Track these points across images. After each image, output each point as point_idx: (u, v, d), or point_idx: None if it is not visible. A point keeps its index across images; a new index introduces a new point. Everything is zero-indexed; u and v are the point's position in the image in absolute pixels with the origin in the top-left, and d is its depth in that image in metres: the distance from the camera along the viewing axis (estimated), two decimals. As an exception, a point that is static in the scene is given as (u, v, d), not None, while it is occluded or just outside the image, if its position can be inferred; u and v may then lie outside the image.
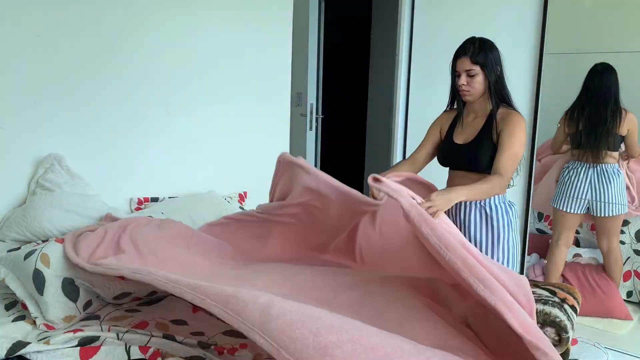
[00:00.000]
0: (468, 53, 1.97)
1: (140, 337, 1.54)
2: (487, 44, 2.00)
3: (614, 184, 2.76)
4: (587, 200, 2.81)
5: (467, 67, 1.97)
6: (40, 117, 2.18)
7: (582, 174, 2.81)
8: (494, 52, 2.00)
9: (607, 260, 2.85)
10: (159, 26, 2.51)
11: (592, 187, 2.79)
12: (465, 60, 1.97)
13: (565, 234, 2.91)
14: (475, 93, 2.00)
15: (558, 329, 1.44)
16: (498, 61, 2.00)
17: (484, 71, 1.97)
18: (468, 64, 1.97)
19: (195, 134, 2.73)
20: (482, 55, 1.96)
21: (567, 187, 2.86)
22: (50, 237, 2.05)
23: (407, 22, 3.38)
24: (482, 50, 1.97)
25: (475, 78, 1.97)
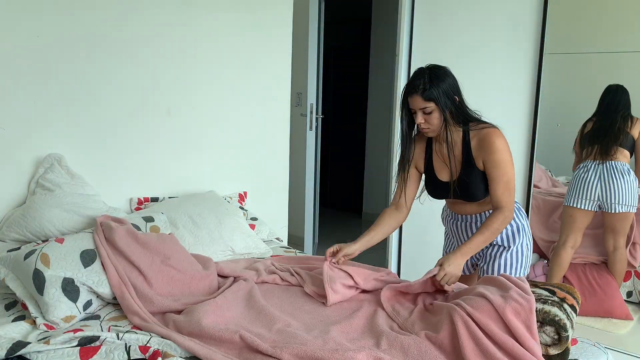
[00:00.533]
0: (419, 90, 1.82)
1: (140, 337, 1.54)
2: (437, 74, 1.84)
3: (624, 181, 2.75)
4: (598, 196, 2.81)
5: (420, 106, 1.84)
6: (40, 117, 2.18)
7: (591, 170, 2.81)
8: (447, 82, 1.85)
9: (612, 259, 2.85)
10: (159, 26, 2.51)
11: (602, 184, 2.78)
12: (417, 98, 1.84)
13: (574, 235, 2.89)
14: (435, 129, 1.89)
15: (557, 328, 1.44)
16: (454, 89, 1.86)
17: (439, 106, 1.83)
18: (420, 102, 1.83)
19: (195, 134, 2.73)
20: (433, 89, 1.81)
21: (578, 184, 2.85)
22: (50, 237, 2.05)
23: (407, 22, 3.38)
24: (434, 84, 1.82)
25: (432, 114, 1.85)
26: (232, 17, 2.81)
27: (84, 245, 1.85)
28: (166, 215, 2.33)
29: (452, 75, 1.89)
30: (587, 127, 2.84)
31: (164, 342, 1.53)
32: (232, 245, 2.40)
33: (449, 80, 1.86)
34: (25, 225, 2.06)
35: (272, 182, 3.17)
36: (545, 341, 1.46)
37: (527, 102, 2.97)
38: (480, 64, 3.12)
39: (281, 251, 2.55)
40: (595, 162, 2.81)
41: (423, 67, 1.89)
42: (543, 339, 1.46)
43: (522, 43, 2.95)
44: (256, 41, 2.93)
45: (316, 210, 4.38)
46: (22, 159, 2.17)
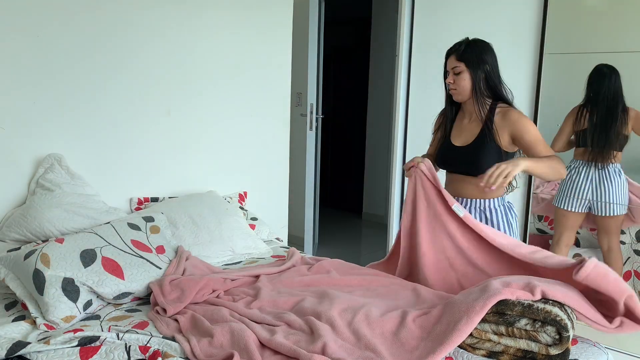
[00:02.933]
0: (454, 51, 1.96)
1: (140, 337, 1.54)
2: (477, 42, 1.97)
3: (615, 183, 2.75)
4: (589, 199, 2.81)
5: (452, 65, 1.97)
6: (40, 117, 2.18)
7: (583, 173, 2.81)
8: (483, 50, 1.96)
9: (607, 260, 2.85)
10: (159, 26, 2.51)
11: (594, 187, 2.78)
12: (452, 58, 1.97)
13: (567, 234, 2.91)
14: (462, 92, 1.98)
15: (559, 328, 1.44)
16: (488, 59, 1.96)
17: (469, 68, 1.94)
18: (454, 61, 1.96)
19: (195, 134, 2.73)
20: (467, 52, 1.94)
21: (568, 186, 2.85)
22: (50, 237, 2.05)
23: (407, 22, 3.38)
24: (469, 47, 1.94)
25: (461, 75, 1.95)
26: (232, 17, 2.81)
27: (84, 245, 1.85)
28: (166, 215, 2.33)
29: (491, 50, 1.98)
30: (583, 121, 2.80)
31: (164, 342, 1.53)
32: (232, 245, 2.40)
33: (487, 52, 1.96)
34: (25, 225, 2.06)
35: (272, 182, 3.17)
36: (546, 341, 1.46)
37: (527, 102, 2.97)
38: (480, 64, 3.12)
39: (281, 251, 2.55)
40: (586, 163, 2.80)
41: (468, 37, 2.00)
42: (544, 339, 1.46)
43: (522, 43, 2.96)
44: (256, 41, 2.94)
45: (316, 210, 4.38)
46: (22, 159, 2.17)
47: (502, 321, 1.49)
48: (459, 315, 1.49)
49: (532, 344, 1.47)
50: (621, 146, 2.74)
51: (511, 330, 1.49)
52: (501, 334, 1.50)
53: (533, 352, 1.47)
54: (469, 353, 1.51)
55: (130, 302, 1.89)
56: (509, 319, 1.49)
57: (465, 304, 1.52)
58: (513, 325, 1.48)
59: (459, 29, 3.19)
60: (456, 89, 1.98)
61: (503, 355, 1.49)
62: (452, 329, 1.47)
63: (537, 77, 2.92)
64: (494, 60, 1.98)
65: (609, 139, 2.75)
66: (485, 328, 1.51)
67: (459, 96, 2.00)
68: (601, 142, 2.77)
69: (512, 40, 2.98)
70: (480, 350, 1.52)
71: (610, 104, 2.74)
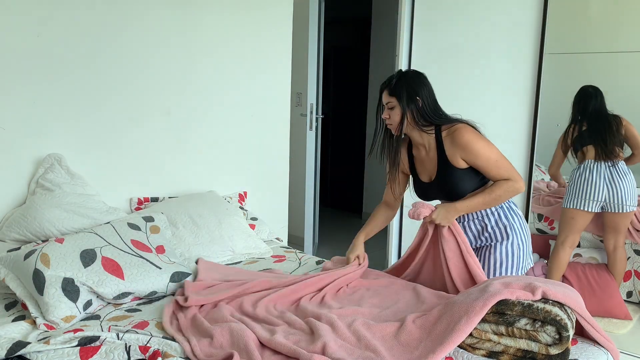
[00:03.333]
0: (387, 86, 1.95)
1: (140, 337, 1.54)
2: (407, 75, 1.95)
3: (627, 181, 2.75)
4: (605, 197, 2.79)
5: (386, 100, 1.95)
6: (40, 117, 2.18)
7: (595, 172, 2.78)
8: (415, 83, 1.92)
9: (612, 258, 2.84)
10: (159, 26, 2.51)
11: (608, 185, 2.77)
12: (385, 93, 1.96)
13: (573, 236, 2.88)
14: (395, 125, 1.95)
15: (558, 327, 1.44)
16: (419, 92, 1.92)
17: (400, 104, 1.91)
18: (386, 96, 1.95)
19: (195, 134, 2.73)
20: (397, 86, 1.91)
21: (582, 186, 2.82)
22: (50, 237, 2.05)
23: (407, 22, 3.37)
24: (400, 82, 1.92)
25: (394, 110, 1.93)
26: (232, 17, 2.81)
27: (84, 245, 1.85)
28: (166, 215, 2.33)
29: (423, 80, 1.96)
30: (574, 132, 2.83)
31: (164, 342, 1.53)
32: (232, 245, 2.40)
33: (418, 83, 1.94)
34: (25, 225, 2.06)
35: (272, 182, 3.17)
36: (546, 341, 1.46)
37: (527, 102, 2.97)
38: (480, 64, 3.12)
39: (281, 251, 2.55)
40: (596, 162, 2.79)
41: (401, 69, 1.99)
42: (544, 338, 1.46)
43: (522, 43, 2.95)
44: (256, 41, 2.93)
45: (316, 210, 4.37)
46: (22, 159, 2.17)
47: (502, 321, 1.49)
48: (459, 315, 1.49)
49: (532, 344, 1.47)
50: (621, 143, 2.75)
51: (511, 330, 1.49)
52: (501, 334, 1.50)
53: (533, 352, 1.47)
54: (469, 353, 1.51)
55: (130, 302, 1.89)
56: (508, 319, 1.49)
57: (465, 304, 1.52)
58: (513, 325, 1.48)
59: (459, 29, 3.19)
60: (392, 124, 1.97)
61: (503, 355, 1.49)
62: (452, 329, 1.47)
63: (537, 77, 2.92)
64: (426, 90, 1.94)
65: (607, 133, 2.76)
66: (485, 328, 1.51)
67: (393, 129, 1.98)
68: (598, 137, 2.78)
69: (512, 40, 2.98)
70: (480, 350, 1.52)
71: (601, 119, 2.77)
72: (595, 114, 2.79)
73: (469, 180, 1.95)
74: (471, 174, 1.95)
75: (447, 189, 1.97)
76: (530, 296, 1.51)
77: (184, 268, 2.03)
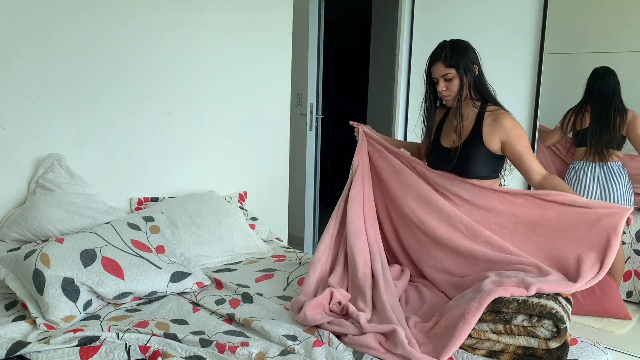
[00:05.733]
0: (441, 58, 1.95)
1: (140, 337, 1.54)
2: (459, 45, 1.97)
3: (621, 182, 2.75)
4: (597, 199, 2.79)
5: (442, 72, 1.95)
6: (40, 117, 2.18)
7: (589, 173, 2.79)
8: (469, 52, 1.97)
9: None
10: (159, 26, 2.51)
11: (601, 186, 2.77)
12: (439, 65, 1.96)
13: None
14: (455, 95, 1.98)
15: (555, 320, 1.45)
16: (474, 60, 1.98)
17: (459, 73, 1.94)
18: (442, 68, 1.95)
19: (195, 134, 2.73)
20: (454, 57, 1.94)
21: (574, 187, 2.83)
22: (50, 237, 2.05)
23: (407, 22, 3.37)
24: (455, 52, 1.94)
25: (453, 81, 1.95)
26: (232, 18, 2.81)
27: (84, 245, 1.85)
28: (166, 215, 2.33)
29: (472, 48, 2.00)
30: (583, 121, 2.80)
31: (164, 342, 1.53)
32: (232, 245, 2.40)
33: (470, 51, 1.98)
34: (25, 225, 2.06)
35: (272, 182, 3.17)
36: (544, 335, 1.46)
37: (527, 102, 2.97)
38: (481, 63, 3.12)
39: (281, 251, 2.55)
40: (590, 163, 2.79)
41: (445, 39, 2.01)
42: (542, 333, 1.46)
43: (522, 43, 2.95)
44: (256, 41, 2.93)
45: (316, 210, 4.37)
46: (22, 159, 2.17)
47: (499, 319, 1.50)
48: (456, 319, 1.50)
49: (532, 340, 1.47)
50: (619, 145, 2.75)
51: (509, 328, 1.49)
52: (500, 333, 1.50)
53: (533, 348, 1.47)
54: (469, 353, 1.52)
55: (130, 302, 1.89)
56: (505, 317, 1.49)
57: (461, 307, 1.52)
58: (510, 323, 1.49)
59: (459, 29, 3.19)
60: (449, 95, 1.98)
61: (503, 354, 1.50)
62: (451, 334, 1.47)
63: (537, 77, 2.92)
64: (477, 58, 1.99)
65: (602, 135, 2.75)
66: (484, 328, 1.52)
67: (453, 101, 2.00)
68: (595, 139, 2.77)
69: (512, 40, 2.98)
70: (480, 350, 1.52)
71: (605, 103, 2.74)
72: (599, 100, 2.76)
73: (486, 163, 1.96)
74: (491, 160, 1.97)
75: (462, 159, 1.97)
76: (525, 292, 1.52)
77: (184, 268, 2.03)
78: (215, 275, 2.15)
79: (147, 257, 1.97)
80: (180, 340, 1.56)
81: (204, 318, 1.77)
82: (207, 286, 2.06)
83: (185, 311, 1.83)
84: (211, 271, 2.23)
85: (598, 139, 2.76)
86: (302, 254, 2.51)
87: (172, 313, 1.82)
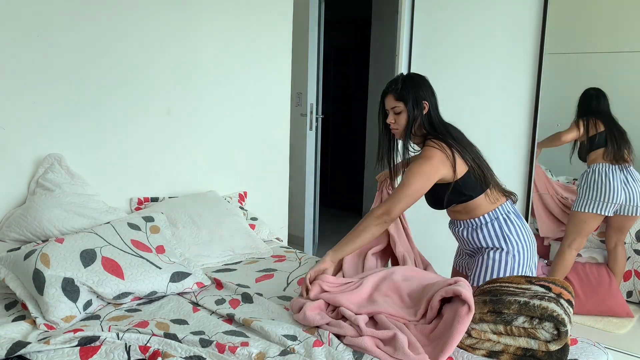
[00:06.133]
0: (392, 90, 1.94)
1: (140, 337, 1.54)
2: (412, 79, 1.96)
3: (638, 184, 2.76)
4: (622, 201, 2.78)
5: (392, 105, 1.95)
6: (40, 117, 2.18)
7: (611, 175, 2.78)
8: (420, 88, 1.94)
9: (613, 255, 2.85)
10: (159, 26, 2.51)
11: (626, 188, 2.76)
12: (390, 97, 1.95)
13: (580, 239, 2.87)
14: (401, 130, 1.95)
15: (556, 323, 1.45)
16: (426, 96, 1.94)
17: (407, 108, 1.92)
18: (392, 101, 1.94)
19: (195, 134, 2.73)
20: (404, 91, 1.92)
21: (598, 190, 2.79)
22: (50, 237, 2.05)
23: (407, 22, 3.38)
24: (406, 86, 1.93)
25: (401, 115, 1.93)
26: (232, 18, 2.81)
27: (84, 245, 1.85)
28: (166, 215, 2.33)
29: (428, 85, 1.98)
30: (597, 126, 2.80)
31: (164, 342, 1.53)
32: (232, 245, 2.40)
33: (423, 87, 1.95)
34: (25, 225, 2.06)
35: (272, 182, 3.17)
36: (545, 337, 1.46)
37: (527, 102, 2.97)
38: (480, 64, 3.12)
39: (281, 251, 2.55)
40: (610, 165, 2.77)
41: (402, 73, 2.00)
42: (543, 335, 1.46)
43: (522, 43, 2.95)
44: (256, 41, 2.93)
45: (316, 210, 4.38)
46: (22, 159, 2.17)
47: (499, 320, 1.50)
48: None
49: (532, 342, 1.47)
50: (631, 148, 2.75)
51: (510, 329, 1.49)
52: (500, 333, 1.51)
53: (533, 350, 1.47)
54: (469, 353, 1.52)
55: (130, 302, 1.89)
56: (506, 318, 1.49)
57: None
58: (511, 324, 1.49)
59: (459, 29, 3.19)
60: (397, 129, 1.97)
61: (503, 354, 1.50)
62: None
63: (537, 77, 2.92)
64: (430, 95, 1.96)
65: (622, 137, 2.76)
66: (484, 328, 1.52)
67: (399, 135, 1.99)
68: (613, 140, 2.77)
69: (512, 40, 2.98)
70: (480, 351, 1.52)
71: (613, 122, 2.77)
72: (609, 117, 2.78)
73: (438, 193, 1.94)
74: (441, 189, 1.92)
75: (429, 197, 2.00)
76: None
77: (184, 268, 2.03)
78: (215, 275, 2.15)
79: (147, 257, 1.97)
80: (180, 340, 1.56)
81: (204, 318, 1.77)
82: (207, 286, 2.06)
83: (185, 311, 1.83)
84: (211, 271, 2.23)
85: (615, 141, 2.76)
86: (302, 254, 2.51)
87: (172, 313, 1.82)
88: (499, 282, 1.69)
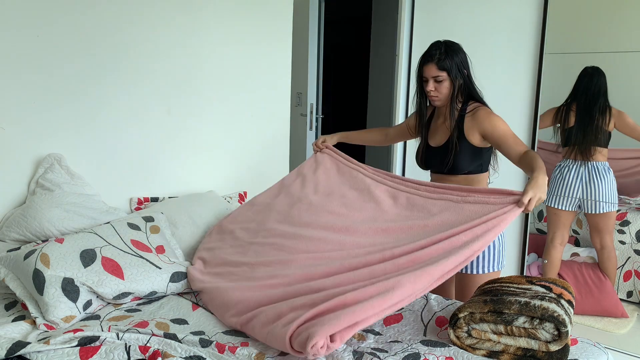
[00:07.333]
0: (434, 59, 1.98)
1: (140, 337, 1.54)
2: (452, 48, 2.01)
3: (605, 181, 2.78)
4: (579, 197, 2.83)
5: (433, 74, 1.99)
6: (40, 117, 2.18)
7: (572, 171, 2.84)
8: (460, 56, 2.01)
9: (601, 257, 2.87)
10: (159, 26, 2.51)
11: (583, 185, 2.81)
12: (432, 66, 1.99)
13: (560, 232, 2.93)
14: (443, 98, 2.03)
15: (557, 324, 1.44)
16: (465, 64, 2.02)
17: (450, 77, 1.99)
18: (434, 70, 1.98)
19: (195, 134, 2.73)
20: (447, 61, 1.98)
21: (559, 184, 2.89)
22: (50, 237, 2.05)
23: (407, 22, 3.38)
24: (448, 55, 1.98)
25: (443, 84, 2.00)
26: (232, 17, 2.81)
27: (84, 245, 1.85)
28: (166, 215, 2.33)
29: (464, 51, 2.05)
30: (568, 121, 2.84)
31: (163, 342, 1.53)
32: (232, 245, 2.40)
33: (462, 55, 2.02)
34: (25, 225, 2.05)
35: (272, 182, 3.15)
36: (545, 338, 1.46)
37: (527, 102, 2.97)
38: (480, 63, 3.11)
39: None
40: (574, 161, 2.83)
41: (439, 40, 2.03)
42: (543, 335, 1.46)
43: (522, 43, 2.96)
44: (256, 41, 2.93)
45: (316, 210, 4.36)
46: (22, 159, 2.17)
47: (500, 320, 1.50)
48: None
49: (532, 342, 1.47)
50: (605, 142, 2.77)
51: (510, 329, 1.49)
52: (500, 333, 1.50)
53: (533, 350, 1.47)
54: (469, 353, 1.52)
55: (130, 302, 1.89)
56: (507, 318, 1.49)
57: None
58: (511, 324, 1.49)
59: (459, 29, 3.19)
60: (437, 96, 2.03)
61: (503, 354, 1.50)
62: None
63: (537, 77, 2.92)
64: (467, 62, 2.04)
65: (586, 133, 2.80)
66: (484, 328, 1.52)
67: (439, 102, 2.05)
68: (579, 138, 2.82)
69: (512, 40, 2.98)
70: (480, 350, 1.52)
71: (589, 101, 2.79)
72: (584, 99, 2.80)
73: (470, 157, 2.00)
74: (475, 154, 2.01)
75: (448, 158, 2.02)
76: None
77: (184, 268, 2.03)
78: (215, 275, 2.15)
79: (147, 257, 1.97)
80: (180, 340, 1.56)
81: (204, 318, 1.77)
82: (207, 286, 2.05)
83: (185, 311, 1.83)
84: (211, 271, 2.23)
85: (582, 138, 2.81)
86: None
87: (172, 313, 1.82)
88: (500, 282, 1.69)
